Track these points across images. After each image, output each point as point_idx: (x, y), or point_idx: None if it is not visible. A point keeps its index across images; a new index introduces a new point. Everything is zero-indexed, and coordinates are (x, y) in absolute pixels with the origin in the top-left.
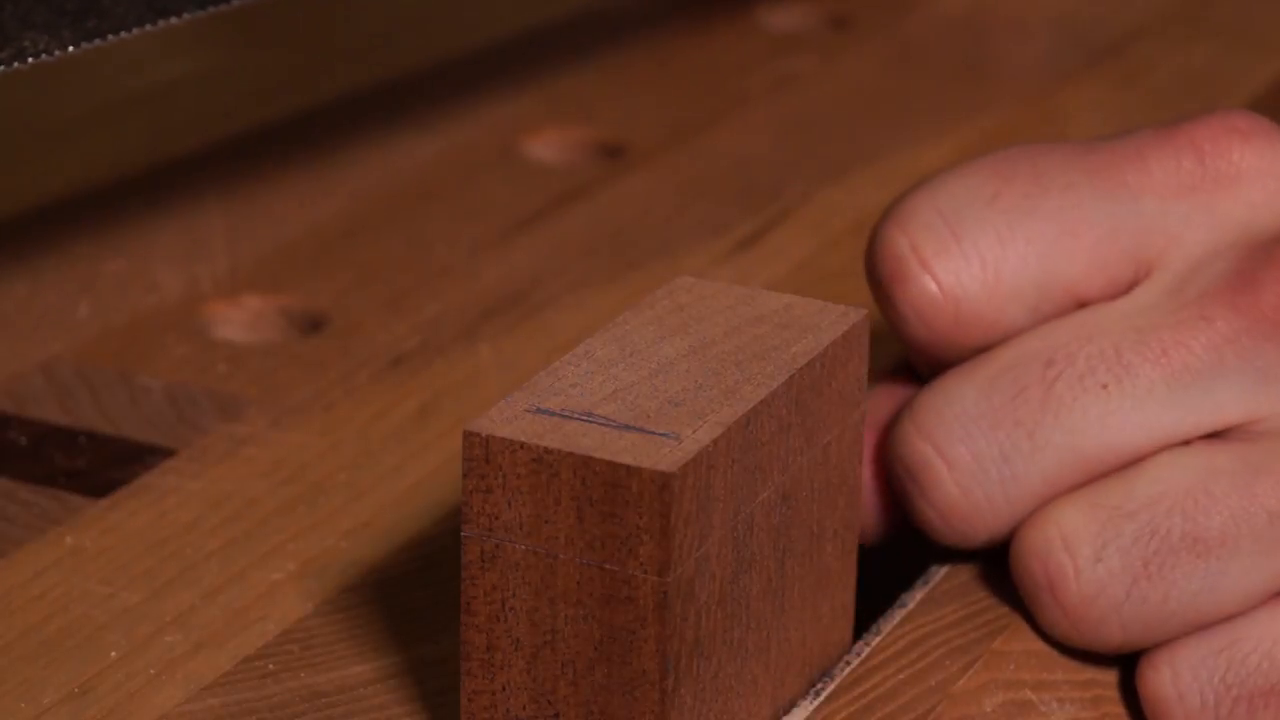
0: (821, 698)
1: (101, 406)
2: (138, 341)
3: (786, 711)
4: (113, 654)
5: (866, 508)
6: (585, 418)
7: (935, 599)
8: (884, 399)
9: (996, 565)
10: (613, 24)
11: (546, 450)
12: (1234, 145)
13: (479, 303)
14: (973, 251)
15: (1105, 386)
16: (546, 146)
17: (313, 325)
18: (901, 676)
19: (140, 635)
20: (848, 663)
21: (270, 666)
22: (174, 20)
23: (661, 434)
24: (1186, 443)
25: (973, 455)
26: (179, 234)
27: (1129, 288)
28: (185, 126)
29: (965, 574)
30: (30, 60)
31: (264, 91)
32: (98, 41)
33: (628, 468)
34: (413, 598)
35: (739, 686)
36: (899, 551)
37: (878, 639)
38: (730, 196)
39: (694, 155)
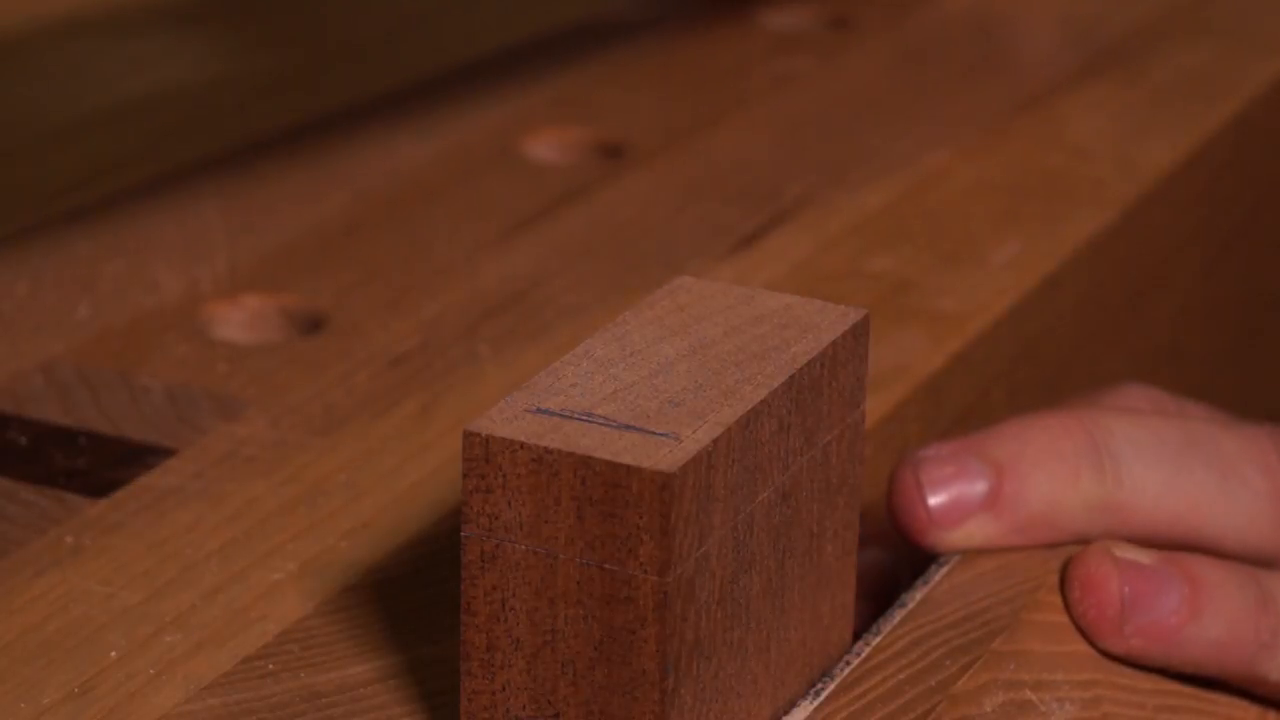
0: (821, 698)
1: (101, 406)
2: (138, 341)
3: (786, 711)
4: (113, 654)
5: None
6: (585, 418)
7: (935, 599)
8: None
9: (997, 565)
10: (613, 24)
11: (546, 450)
12: None
13: (479, 303)
14: None
15: None
16: (546, 146)
17: (313, 325)
18: (901, 676)
19: (140, 635)
20: (848, 663)
21: (270, 666)
22: None
23: (661, 434)
24: None
25: None
26: (179, 234)
27: None
28: (186, 126)
29: (965, 574)
30: None
31: (265, 92)
32: None
33: (628, 468)
34: (413, 598)
35: (739, 686)
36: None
37: (878, 639)
38: (730, 196)
39: (694, 155)
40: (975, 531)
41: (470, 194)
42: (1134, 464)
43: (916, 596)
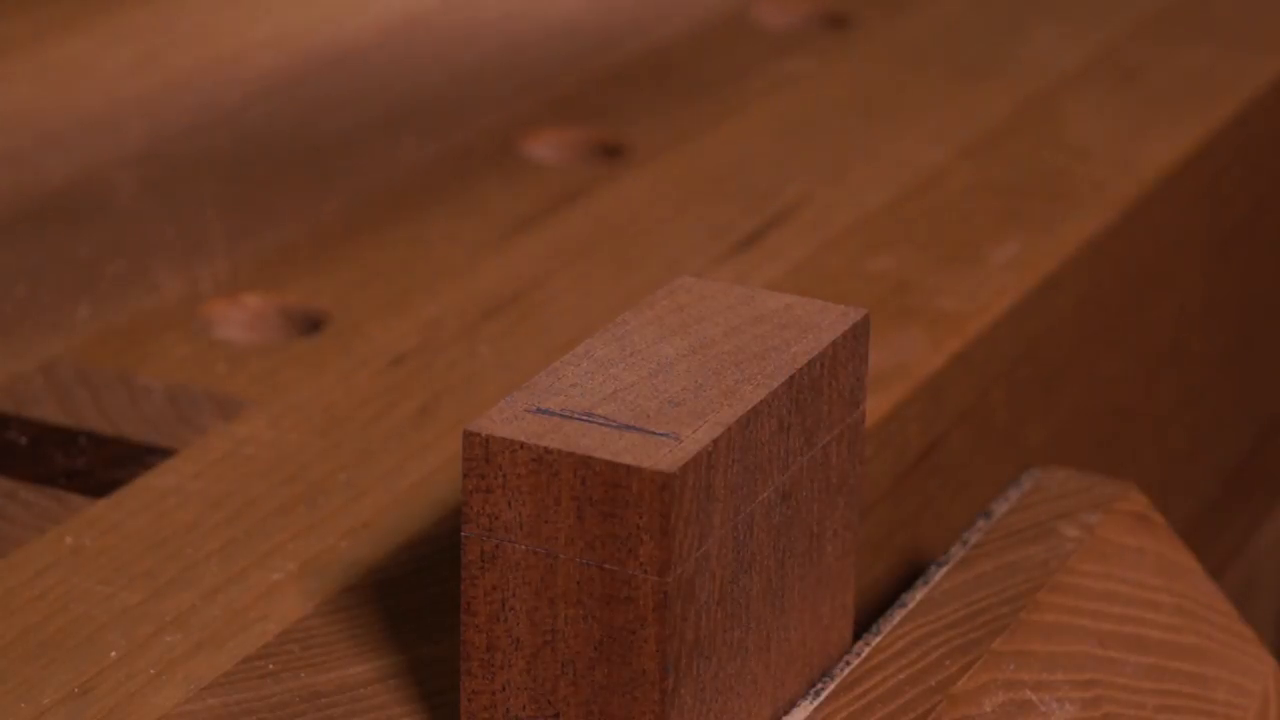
0: (821, 698)
1: (101, 406)
2: (138, 341)
3: (786, 711)
4: (113, 654)
5: None
6: (585, 418)
7: (935, 599)
8: None
9: (997, 565)
10: (613, 24)
11: (546, 450)
12: None
13: (479, 303)
14: None
15: None
16: (546, 146)
17: (313, 325)
18: (901, 676)
19: (140, 635)
20: (848, 663)
21: (270, 666)
22: None
23: (661, 434)
24: None
25: None
26: (179, 234)
27: None
28: (186, 126)
29: (965, 574)
30: None
31: (264, 91)
32: None
33: (628, 468)
34: (413, 598)
35: (739, 686)
36: (898, 551)
37: (878, 639)
38: (730, 197)
39: (694, 155)
40: None
41: (470, 194)
42: None
43: (916, 596)
